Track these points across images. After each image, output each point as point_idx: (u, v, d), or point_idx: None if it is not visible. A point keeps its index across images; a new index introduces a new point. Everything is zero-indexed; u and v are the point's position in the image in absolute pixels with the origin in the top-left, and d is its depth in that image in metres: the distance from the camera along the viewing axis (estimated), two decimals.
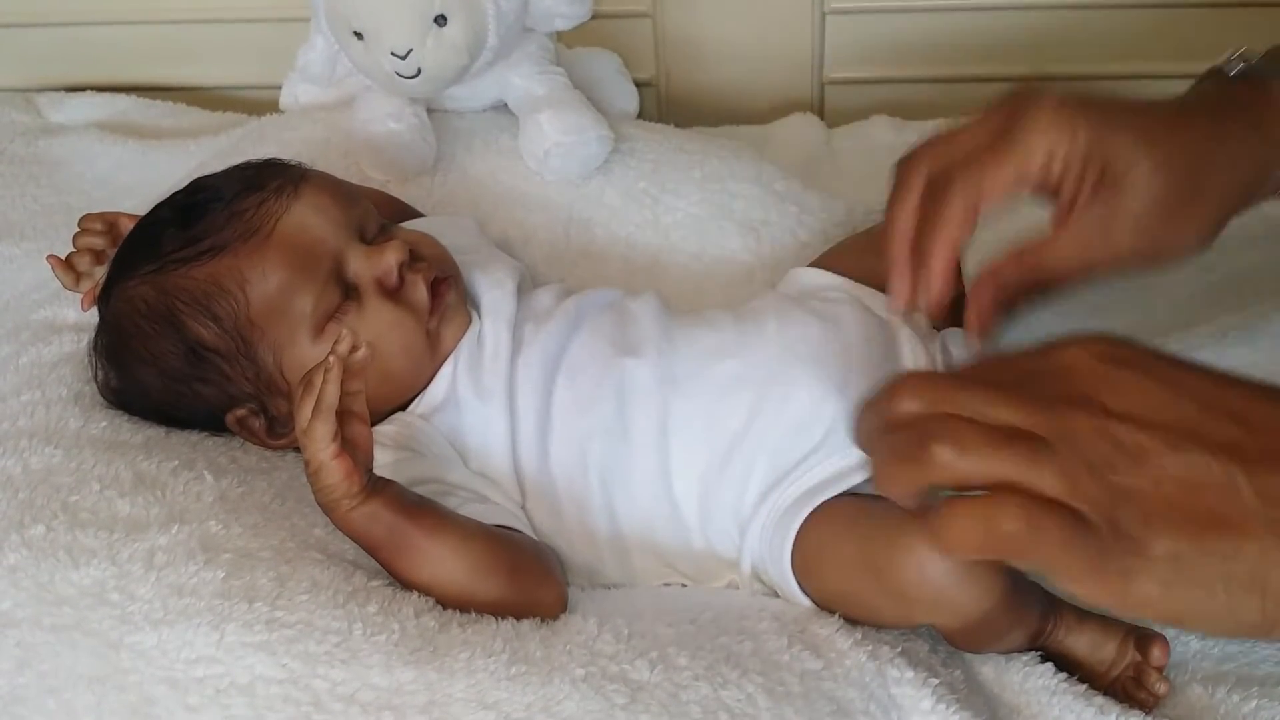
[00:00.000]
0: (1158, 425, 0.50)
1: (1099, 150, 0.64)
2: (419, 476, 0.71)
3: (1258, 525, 0.49)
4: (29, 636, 0.63)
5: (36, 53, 1.30)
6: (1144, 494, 0.50)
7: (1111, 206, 0.65)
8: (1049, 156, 0.64)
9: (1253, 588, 0.49)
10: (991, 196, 0.65)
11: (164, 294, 0.75)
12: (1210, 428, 0.50)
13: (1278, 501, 0.49)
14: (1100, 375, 0.52)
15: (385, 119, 0.98)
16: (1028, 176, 0.64)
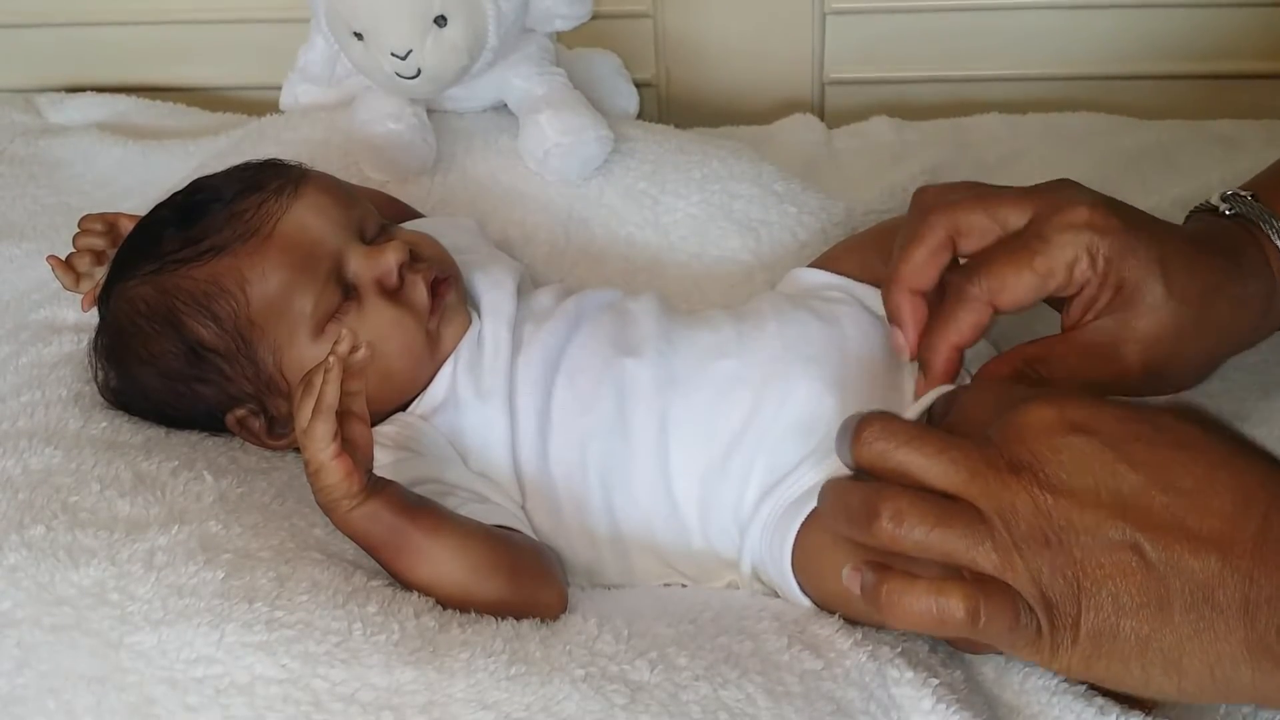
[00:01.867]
0: (1093, 503, 0.51)
1: (1119, 267, 0.64)
2: (419, 477, 0.71)
3: (1177, 609, 0.50)
4: (29, 636, 0.63)
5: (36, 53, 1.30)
6: (1071, 573, 0.51)
7: (1122, 324, 0.65)
8: (1071, 269, 0.65)
9: (1169, 669, 0.51)
10: (1008, 305, 0.65)
11: (164, 294, 0.75)
12: (1148, 504, 0.51)
13: (1202, 586, 0.50)
14: (1052, 442, 0.53)
15: (385, 119, 0.98)
16: (1045, 290, 0.65)
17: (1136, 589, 0.51)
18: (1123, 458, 0.52)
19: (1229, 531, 0.50)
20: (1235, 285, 0.67)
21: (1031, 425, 0.54)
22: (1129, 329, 0.65)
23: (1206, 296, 0.66)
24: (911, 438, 0.55)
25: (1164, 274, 0.65)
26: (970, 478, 0.53)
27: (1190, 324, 0.66)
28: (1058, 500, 0.52)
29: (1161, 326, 0.65)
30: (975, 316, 0.66)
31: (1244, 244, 0.69)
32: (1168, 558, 0.50)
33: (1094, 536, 0.51)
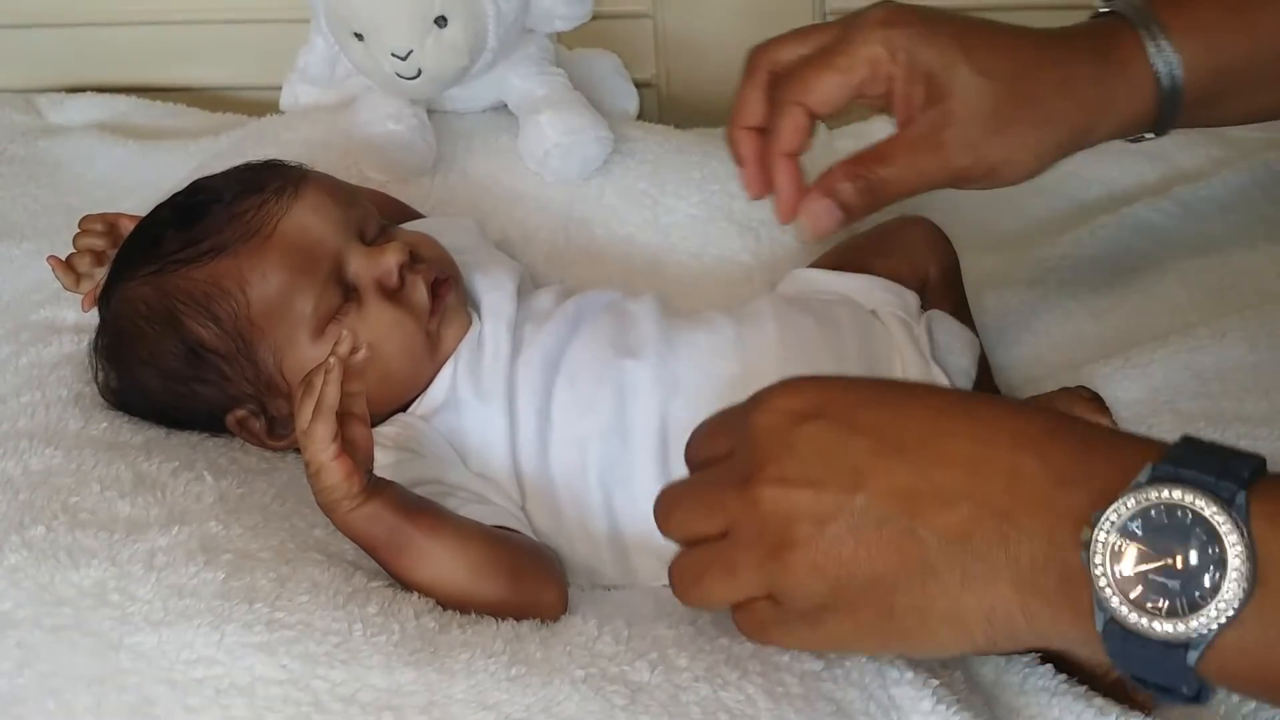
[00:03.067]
0: (833, 485, 0.51)
1: (922, 58, 0.67)
2: (419, 477, 0.71)
3: (942, 569, 0.49)
4: (29, 637, 0.63)
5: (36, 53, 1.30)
6: (826, 565, 0.51)
7: (941, 113, 0.67)
8: (872, 66, 0.67)
9: (954, 627, 0.50)
10: (820, 105, 0.68)
11: (164, 295, 0.75)
12: (885, 469, 0.50)
13: (959, 537, 0.49)
14: (785, 439, 0.53)
15: (385, 120, 0.98)
16: (850, 85, 0.67)
17: (897, 562, 0.50)
18: (850, 428, 0.52)
19: (970, 478, 0.49)
20: (1060, 65, 0.68)
21: (761, 429, 0.54)
22: (947, 115, 0.67)
23: (1020, 73, 0.67)
24: (672, 505, 0.58)
25: (967, 55, 0.66)
26: (714, 510, 0.54)
27: (1006, 100, 0.67)
28: (793, 492, 0.51)
29: (975, 105, 0.66)
30: (792, 120, 0.68)
31: (1102, 36, 0.70)
32: (914, 517, 0.49)
33: (836, 518, 0.50)
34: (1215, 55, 0.69)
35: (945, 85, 0.67)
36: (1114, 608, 0.45)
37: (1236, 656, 0.44)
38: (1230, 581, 0.44)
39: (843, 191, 0.67)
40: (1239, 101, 0.72)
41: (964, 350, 0.78)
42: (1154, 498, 0.45)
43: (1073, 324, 0.93)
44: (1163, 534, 0.45)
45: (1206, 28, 0.69)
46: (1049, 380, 0.86)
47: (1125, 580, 0.45)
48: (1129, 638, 0.45)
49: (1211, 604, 0.44)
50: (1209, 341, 0.84)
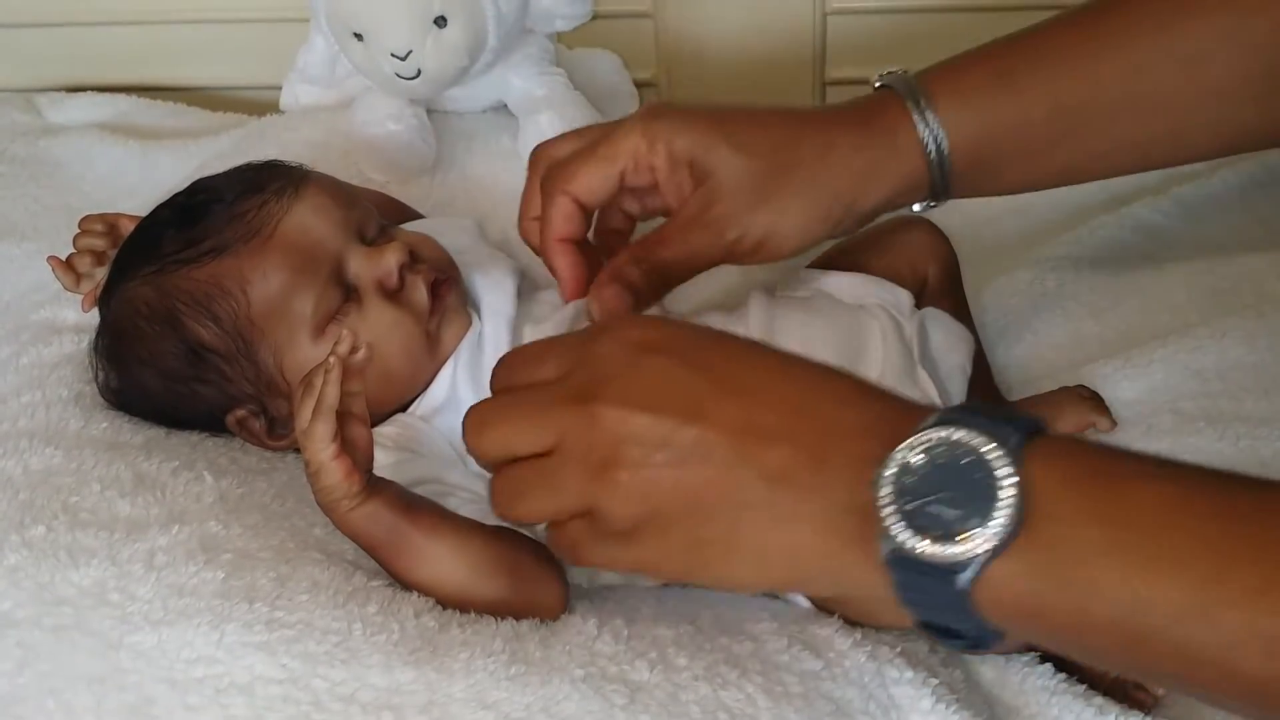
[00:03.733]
0: (670, 412, 0.52)
1: (680, 144, 0.69)
2: (419, 477, 0.71)
3: (755, 504, 0.51)
4: (29, 636, 0.63)
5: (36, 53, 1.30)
6: (639, 487, 0.52)
7: (706, 193, 0.69)
8: (633, 157, 0.70)
9: (757, 563, 0.53)
10: (584, 194, 0.71)
11: (164, 295, 0.75)
12: (718, 406, 0.52)
13: (775, 476, 0.51)
14: (628, 363, 0.55)
15: (385, 120, 0.98)
16: (613, 175, 0.70)
17: (715, 494, 0.52)
18: (692, 365, 0.54)
19: (795, 423, 0.52)
20: (819, 134, 0.70)
21: (603, 354, 0.55)
22: (712, 193, 0.69)
23: (778, 146, 0.69)
24: (488, 422, 0.57)
25: (725, 136, 0.69)
26: (539, 425, 0.55)
27: (766, 173, 0.69)
28: (631, 414, 0.52)
29: (737, 181, 0.69)
30: (560, 209, 0.71)
31: (868, 108, 0.71)
32: (740, 454, 0.51)
33: (666, 446, 0.52)
34: (982, 123, 0.70)
35: (706, 166, 0.69)
36: (895, 535, 0.47)
37: (1003, 587, 0.47)
38: (1000, 512, 0.46)
39: (629, 275, 0.69)
40: (1013, 170, 0.73)
41: (958, 347, 0.78)
42: (939, 436, 0.48)
43: (1073, 324, 0.93)
44: (945, 471, 0.48)
45: (973, 96, 0.71)
46: (1049, 380, 0.86)
47: (907, 512, 0.47)
48: (909, 565, 0.47)
49: (980, 530, 0.46)
50: (1209, 341, 0.84)
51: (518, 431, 0.56)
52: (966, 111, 0.70)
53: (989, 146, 0.71)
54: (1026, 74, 0.71)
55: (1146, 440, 0.80)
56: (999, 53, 0.72)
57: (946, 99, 0.70)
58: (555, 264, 0.72)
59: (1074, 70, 0.71)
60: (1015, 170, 0.73)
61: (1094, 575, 0.46)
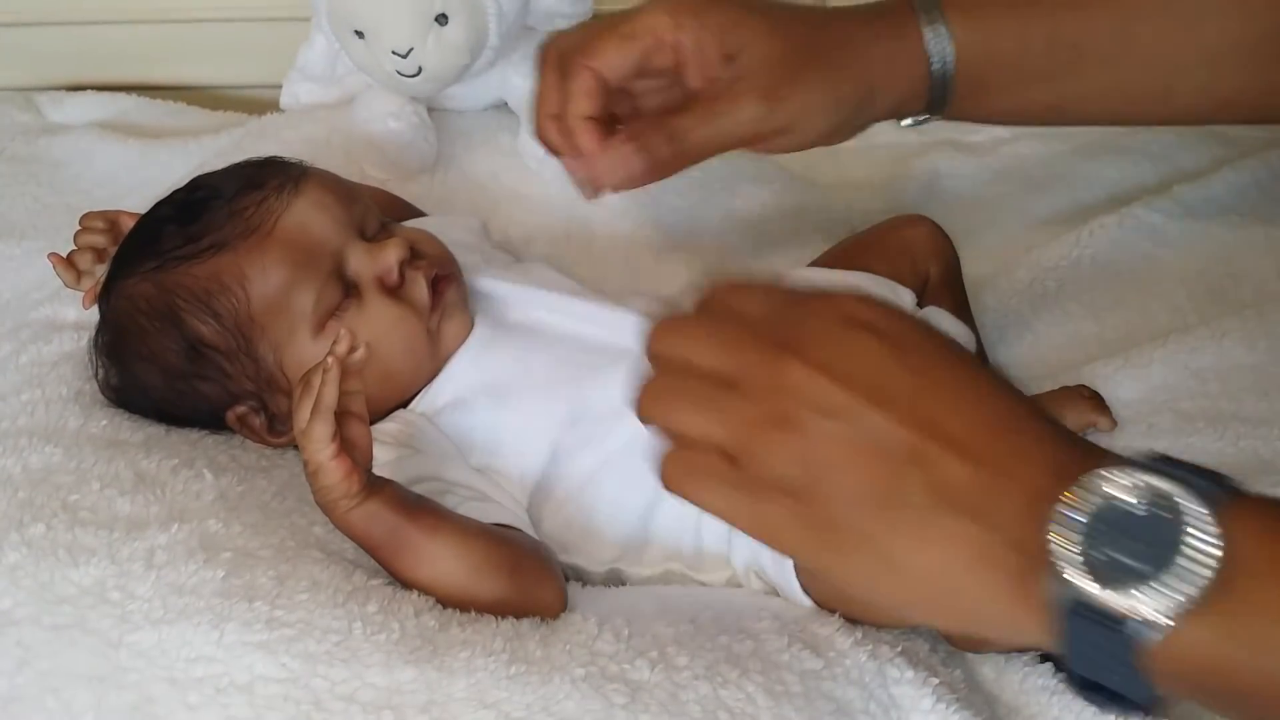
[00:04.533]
0: (861, 390, 0.49)
1: (709, 21, 0.70)
2: (419, 474, 0.71)
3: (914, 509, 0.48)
4: (29, 635, 0.63)
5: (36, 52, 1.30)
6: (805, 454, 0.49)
7: (733, 68, 0.70)
8: (656, 34, 0.70)
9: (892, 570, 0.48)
10: (606, 68, 0.70)
11: (165, 291, 0.75)
12: (912, 404, 0.49)
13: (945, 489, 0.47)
14: (837, 332, 0.51)
15: (386, 118, 0.98)
16: (635, 50, 0.70)
17: (874, 484, 0.48)
18: (900, 353, 0.50)
19: (983, 440, 0.48)
20: (841, 25, 0.72)
21: (814, 312, 0.52)
22: (739, 68, 0.70)
23: (804, 29, 0.71)
24: (681, 329, 0.54)
25: (751, 14, 0.70)
26: (732, 353, 0.52)
27: (793, 52, 0.70)
28: (823, 379, 0.49)
29: (764, 57, 0.70)
30: (582, 83, 0.70)
31: (883, 12, 0.73)
32: (917, 455, 0.48)
33: (848, 422, 0.49)
34: (986, 43, 0.72)
35: (736, 44, 0.70)
36: (1068, 577, 0.44)
37: (1190, 648, 0.43)
38: (1199, 569, 0.43)
39: (650, 140, 0.70)
40: (1006, 96, 0.75)
41: None
42: (1138, 481, 0.44)
43: (1073, 324, 0.93)
44: (1140, 520, 0.44)
45: (981, 17, 0.73)
46: (1049, 380, 0.86)
47: (1089, 556, 0.44)
48: (1079, 616, 0.44)
49: (1171, 589, 0.43)
50: (1209, 342, 0.85)
51: (704, 347, 0.52)
52: (974, 30, 0.72)
53: (989, 67, 0.73)
54: (1030, 3, 0.73)
55: (1146, 440, 0.80)
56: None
57: (956, 14, 0.72)
58: (582, 141, 0.71)
59: (1074, 8, 0.73)
60: (1008, 97, 0.75)
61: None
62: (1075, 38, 0.73)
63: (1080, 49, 0.73)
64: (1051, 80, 0.74)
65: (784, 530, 0.50)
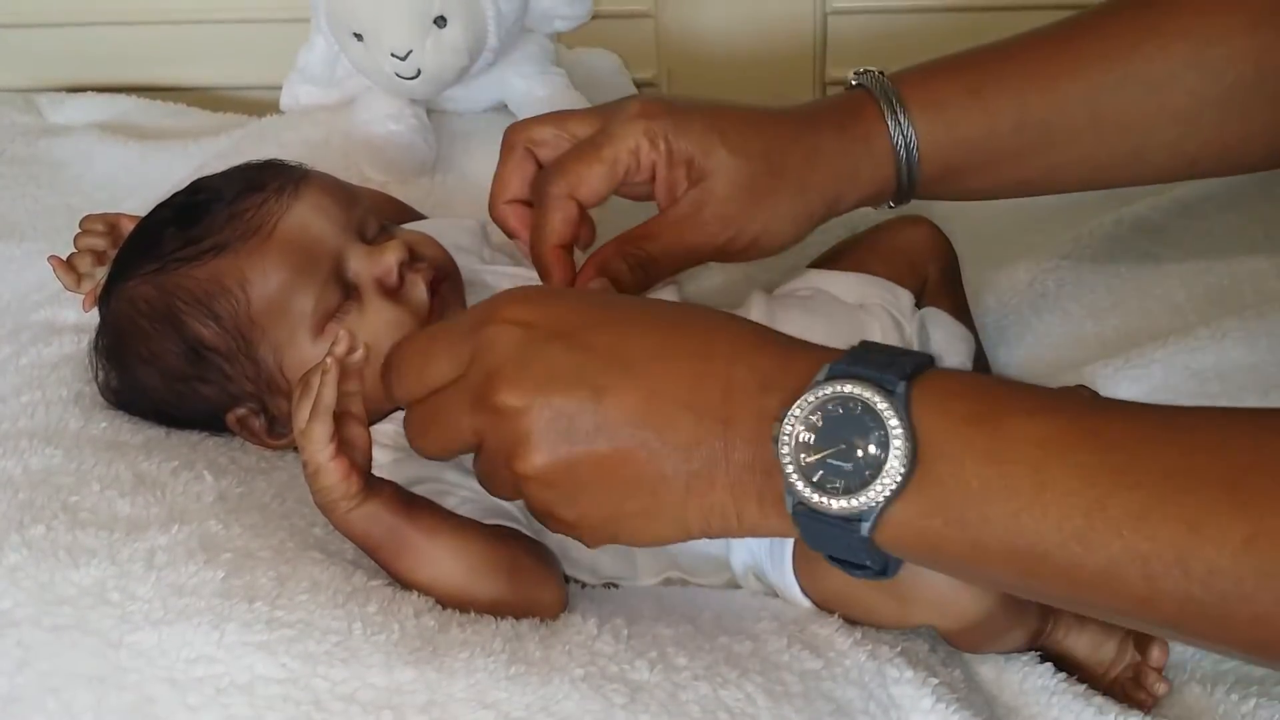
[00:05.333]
0: (563, 399, 0.55)
1: (681, 145, 0.70)
2: (417, 475, 0.71)
3: (669, 477, 0.54)
4: (29, 636, 0.63)
5: (37, 53, 1.30)
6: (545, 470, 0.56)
7: (702, 193, 0.71)
8: (635, 156, 0.71)
9: (676, 527, 0.56)
10: (588, 197, 0.71)
11: (165, 294, 0.75)
12: (610, 385, 0.55)
13: (683, 447, 0.54)
14: (516, 355, 0.57)
15: (385, 120, 0.98)
16: (616, 176, 0.71)
17: (629, 475, 0.55)
18: (583, 347, 0.56)
19: (693, 387, 0.54)
20: (807, 139, 0.72)
21: (491, 342, 0.57)
22: (708, 193, 0.71)
23: (771, 149, 0.71)
24: (415, 431, 0.61)
25: (722, 137, 0.71)
26: (462, 431, 0.58)
27: (761, 175, 0.71)
28: (530, 405, 0.55)
29: (733, 182, 0.71)
30: (562, 213, 0.71)
31: (847, 111, 0.73)
32: (645, 428, 0.54)
33: (574, 431, 0.55)
34: (952, 133, 0.72)
35: (704, 167, 0.70)
36: (799, 491, 0.51)
37: (902, 528, 0.50)
38: (892, 460, 0.50)
39: (616, 268, 0.71)
40: (976, 178, 0.75)
41: (958, 347, 0.78)
42: (829, 392, 0.51)
43: (1073, 324, 0.93)
44: (839, 424, 0.51)
45: (945, 107, 0.73)
46: (1049, 380, 0.86)
47: (808, 466, 0.51)
48: (814, 517, 0.51)
49: (877, 481, 0.50)
50: (1209, 342, 0.84)
51: (445, 440, 0.60)
52: (938, 122, 0.72)
53: (956, 155, 0.73)
54: (996, 89, 0.73)
55: None
56: (970, 65, 0.74)
57: (920, 109, 0.72)
58: (552, 272, 0.72)
59: (1041, 89, 0.73)
60: (978, 179, 0.75)
61: (984, 511, 0.49)
62: (1043, 116, 0.73)
63: (1048, 126, 0.73)
64: (1020, 158, 0.74)
65: (585, 531, 0.58)
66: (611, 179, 0.71)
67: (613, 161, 0.71)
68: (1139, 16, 0.72)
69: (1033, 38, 0.75)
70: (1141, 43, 0.71)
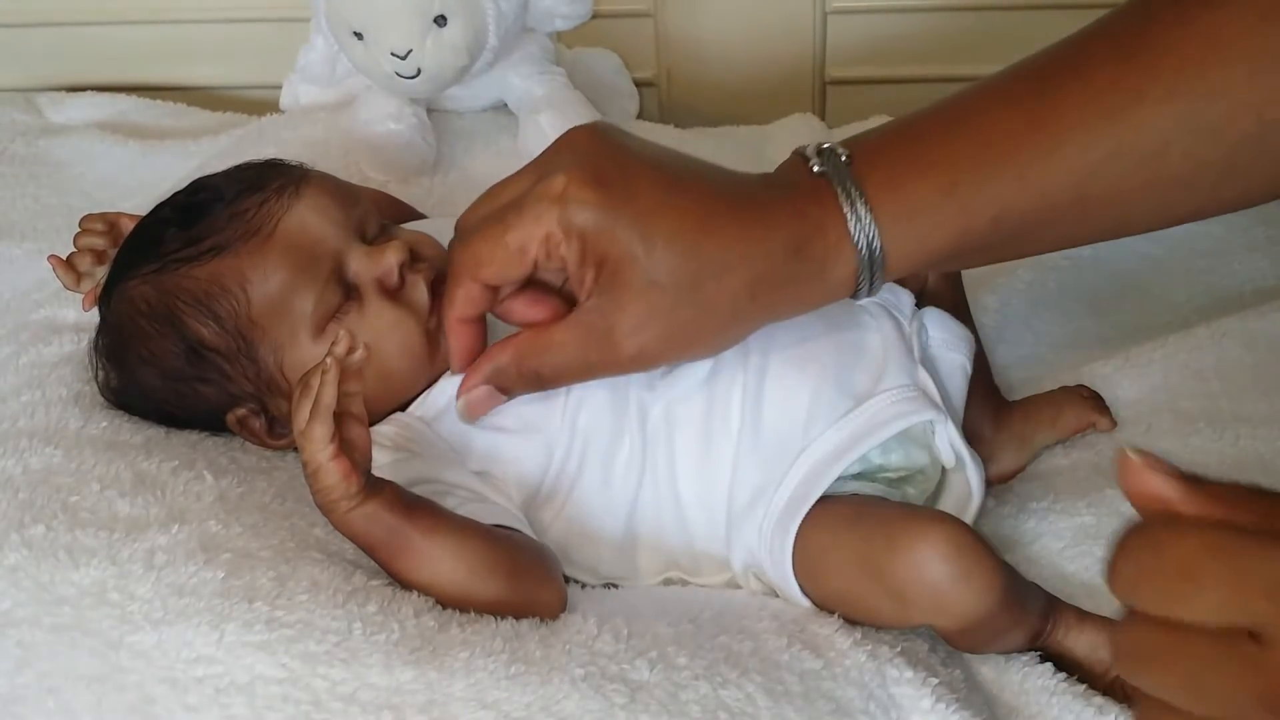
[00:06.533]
0: None
1: (595, 244, 0.61)
2: (417, 476, 0.71)
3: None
4: (29, 636, 0.63)
5: (37, 53, 1.30)
6: None
7: (613, 303, 0.62)
8: (546, 244, 0.62)
9: None
10: (492, 280, 0.65)
11: (165, 293, 0.75)
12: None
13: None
14: None
15: (385, 119, 0.98)
16: (525, 264, 0.63)
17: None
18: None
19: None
20: (749, 266, 0.62)
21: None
22: (620, 310, 0.62)
23: (704, 277, 0.61)
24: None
25: (647, 256, 0.61)
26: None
27: (686, 306, 0.62)
28: None
29: (651, 310, 0.62)
30: (465, 292, 0.66)
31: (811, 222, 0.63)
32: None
33: None
34: (924, 244, 0.63)
35: (619, 279, 0.62)
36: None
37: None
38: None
39: (505, 378, 0.67)
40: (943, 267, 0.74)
41: (958, 346, 0.78)
42: None
43: (1073, 324, 0.93)
44: None
45: (916, 214, 0.63)
46: (1049, 380, 0.86)
47: None
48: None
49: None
50: (1209, 341, 0.84)
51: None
52: (910, 236, 0.63)
53: (923, 261, 0.65)
54: (971, 188, 0.63)
55: (1147, 440, 0.80)
56: (942, 158, 0.64)
57: (891, 220, 0.63)
58: (451, 343, 0.69)
59: (1020, 180, 0.63)
60: (945, 266, 0.75)
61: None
62: (1022, 209, 0.63)
63: (1026, 217, 0.63)
64: (993, 249, 0.66)
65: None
66: (519, 268, 0.64)
67: (520, 249, 0.63)
68: (1121, 77, 0.62)
69: (1003, 108, 0.64)
70: (1128, 109, 0.61)
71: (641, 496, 0.74)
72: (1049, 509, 0.77)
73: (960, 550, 0.65)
